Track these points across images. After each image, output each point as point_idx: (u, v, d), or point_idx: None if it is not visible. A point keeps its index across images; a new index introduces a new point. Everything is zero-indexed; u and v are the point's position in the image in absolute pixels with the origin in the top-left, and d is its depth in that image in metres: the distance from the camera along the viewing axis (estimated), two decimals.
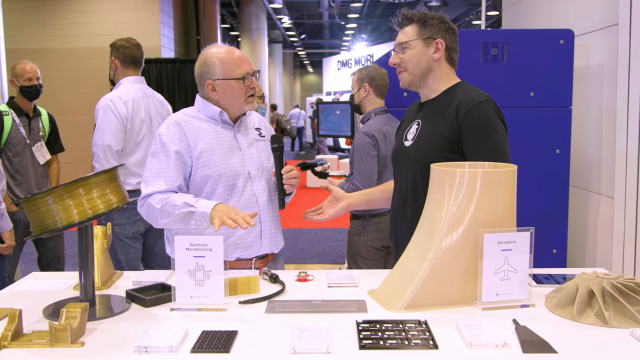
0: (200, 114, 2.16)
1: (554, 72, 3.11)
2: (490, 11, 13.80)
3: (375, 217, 3.17)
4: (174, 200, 1.97)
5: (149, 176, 2.05)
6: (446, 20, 2.07)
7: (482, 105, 1.94)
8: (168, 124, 2.10)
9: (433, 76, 2.06)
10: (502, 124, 1.97)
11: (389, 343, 1.37)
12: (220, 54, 2.11)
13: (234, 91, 2.11)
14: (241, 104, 2.14)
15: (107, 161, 3.06)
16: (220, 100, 2.14)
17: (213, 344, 1.38)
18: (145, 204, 2.03)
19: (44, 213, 1.52)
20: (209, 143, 2.08)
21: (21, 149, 3.65)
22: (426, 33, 2.03)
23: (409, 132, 2.12)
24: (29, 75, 3.68)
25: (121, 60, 3.30)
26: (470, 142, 1.92)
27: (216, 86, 2.11)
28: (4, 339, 1.39)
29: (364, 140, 3.06)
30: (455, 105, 1.97)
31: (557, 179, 3.13)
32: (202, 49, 2.17)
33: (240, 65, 2.11)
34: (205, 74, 2.12)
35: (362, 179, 3.04)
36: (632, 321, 1.47)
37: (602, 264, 3.08)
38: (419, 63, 2.04)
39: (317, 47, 29.54)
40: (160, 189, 2.01)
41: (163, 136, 2.07)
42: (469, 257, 1.61)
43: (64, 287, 1.91)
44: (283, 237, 2.27)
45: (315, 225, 7.77)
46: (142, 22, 9.46)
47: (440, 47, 2.03)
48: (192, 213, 1.93)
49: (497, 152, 1.89)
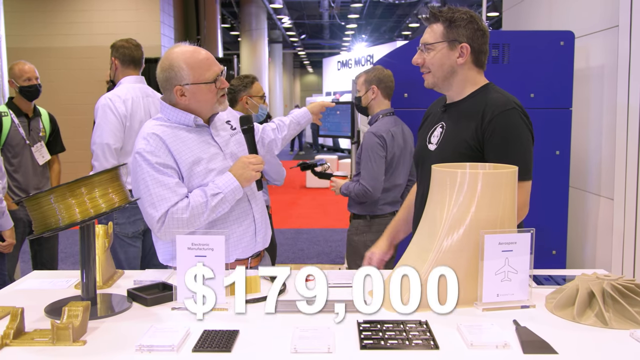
0: (172, 122, 2.02)
1: (554, 74, 3.12)
2: (490, 12, 13.80)
3: (376, 218, 3.17)
4: (196, 200, 1.93)
5: (154, 196, 1.91)
6: (476, 20, 1.95)
7: (508, 114, 1.88)
8: (146, 138, 1.95)
9: (458, 80, 1.99)
10: (528, 131, 1.90)
11: (389, 343, 1.38)
12: (188, 56, 1.97)
13: (205, 95, 1.99)
14: (213, 106, 2.04)
15: (106, 160, 3.06)
16: (190, 105, 2.01)
17: (214, 343, 1.38)
18: (166, 222, 1.91)
19: (47, 212, 1.52)
20: (192, 152, 1.99)
21: (20, 150, 3.65)
22: (452, 35, 1.94)
23: (433, 135, 2.07)
24: (28, 75, 3.68)
25: (121, 60, 3.31)
26: (493, 150, 1.88)
27: (185, 91, 1.98)
28: (5, 337, 1.39)
29: (373, 140, 3.07)
30: (481, 111, 1.91)
31: (557, 180, 3.14)
32: (165, 51, 2.09)
33: (210, 68, 1.99)
34: (173, 79, 1.97)
35: (369, 178, 3.05)
36: (632, 322, 1.47)
37: (601, 265, 3.08)
38: (442, 67, 1.97)
39: (317, 47, 29.53)
40: (172, 202, 1.91)
41: (146, 153, 1.93)
42: (470, 257, 1.61)
43: (66, 285, 1.91)
44: (271, 230, 2.27)
45: (315, 225, 7.77)
46: (142, 21, 9.46)
47: (465, 52, 1.95)
48: (224, 197, 1.95)
49: (518, 163, 1.78)
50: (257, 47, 17.02)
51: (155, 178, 1.92)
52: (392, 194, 3.18)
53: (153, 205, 1.91)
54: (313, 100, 19.96)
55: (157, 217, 1.91)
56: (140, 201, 1.95)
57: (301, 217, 8.30)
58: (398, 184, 3.19)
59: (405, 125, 3.20)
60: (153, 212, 1.91)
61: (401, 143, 3.14)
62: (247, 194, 2.10)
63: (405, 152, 3.17)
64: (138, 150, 1.95)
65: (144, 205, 1.94)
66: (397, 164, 3.14)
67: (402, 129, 3.17)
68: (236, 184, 1.97)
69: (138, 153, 1.95)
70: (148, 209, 1.93)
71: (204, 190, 1.96)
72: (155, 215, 1.91)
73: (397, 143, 3.11)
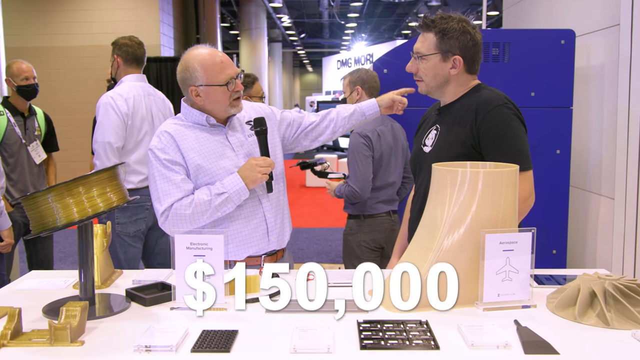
0: (188, 122, 2.10)
1: (555, 72, 3.11)
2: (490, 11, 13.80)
3: (370, 218, 3.17)
4: (200, 198, 1.97)
5: (160, 190, 1.99)
6: (468, 31, 1.97)
7: (499, 109, 1.92)
8: (159, 136, 2.05)
9: (451, 87, 2.04)
10: (521, 124, 1.95)
11: (390, 343, 1.37)
12: (202, 58, 2.03)
13: (218, 97, 2.04)
14: (226, 109, 2.07)
15: (108, 158, 3.05)
16: (205, 106, 2.07)
17: (213, 344, 1.37)
18: (170, 217, 1.98)
19: (44, 211, 1.51)
20: (202, 151, 2.04)
21: (17, 149, 3.64)
22: (444, 47, 1.97)
23: (428, 138, 2.10)
24: (26, 75, 3.66)
25: (124, 58, 3.29)
26: (490, 145, 1.91)
27: (200, 92, 2.04)
28: (3, 338, 1.38)
29: (357, 141, 3.07)
30: (473, 110, 1.95)
31: (557, 180, 3.13)
32: (184, 52, 2.09)
33: (223, 71, 2.03)
34: (188, 80, 2.05)
35: (357, 180, 3.05)
36: (634, 322, 1.46)
37: (601, 265, 3.08)
38: (436, 77, 2.01)
39: (316, 46, 29.53)
40: (177, 198, 1.98)
41: (156, 149, 2.02)
42: (471, 257, 1.60)
43: (64, 285, 1.90)
44: (290, 231, 2.25)
45: (315, 224, 7.77)
46: (142, 20, 9.45)
47: (457, 64, 1.99)
48: (229, 197, 1.98)
49: (516, 154, 1.87)
50: (256, 46, 17.01)
51: (162, 174, 2.01)
52: (386, 193, 3.17)
53: (158, 200, 2.00)
54: (313, 99, 19.95)
55: (161, 211, 1.99)
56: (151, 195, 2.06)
57: (301, 216, 8.31)
58: (391, 182, 3.18)
59: (395, 122, 3.20)
60: (158, 205, 2.01)
61: (390, 141, 3.13)
62: (258, 193, 2.11)
63: (396, 149, 3.16)
64: (150, 147, 2.06)
65: (152, 199, 2.04)
66: (387, 162, 3.13)
67: (391, 126, 3.16)
68: (242, 185, 1.99)
69: (150, 150, 2.05)
70: (154, 203, 2.02)
71: (210, 189, 2.00)
72: (159, 209, 2.00)
73: (384, 141, 3.10)
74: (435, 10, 15.72)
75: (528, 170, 1.92)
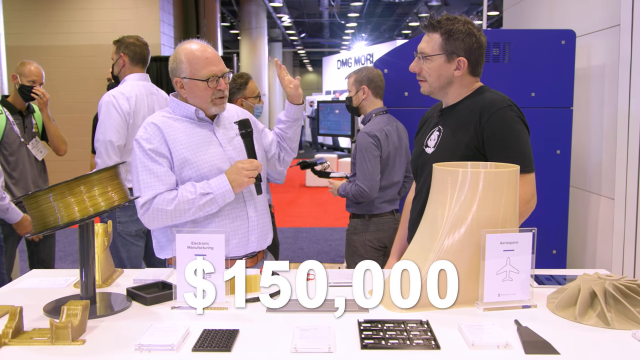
0: (176, 114, 2.11)
1: (555, 73, 3.11)
2: (491, 11, 13.80)
3: (375, 217, 3.17)
4: (184, 195, 1.96)
5: (142, 182, 1.99)
6: (474, 33, 1.98)
7: (504, 111, 1.93)
8: (145, 127, 2.05)
9: (454, 88, 2.04)
10: (524, 127, 1.96)
11: (390, 343, 1.37)
12: (190, 52, 2.06)
13: (199, 91, 2.06)
14: (207, 105, 2.08)
15: (109, 157, 3.05)
16: (188, 99, 2.10)
17: (214, 343, 1.38)
18: (150, 210, 1.97)
19: (45, 210, 1.51)
20: (188, 144, 2.04)
21: (17, 148, 3.64)
22: (450, 48, 1.97)
23: (430, 139, 2.10)
24: (34, 78, 3.69)
25: (131, 57, 3.30)
26: (495, 147, 1.92)
27: (184, 84, 2.07)
28: (4, 337, 1.38)
29: (366, 140, 3.06)
30: (477, 112, 1.95)
31: (557, 180, 3.13)
32: (164, 50, 2.13)
33: (206, 66, 2.04)
34: (174, 71, 2.09)
35: (365, 179, 3.04)
36: (634, 323, 1.47)
37: (601, 265, 3.08)
38: (439, 78, 2.01)
39: (317, 46, 29.51)
40: (159, 191, 1.98)
41: (142, 139, 2.02)
42: (471, 257, 1.60)
43: (65, 284, 1.91)
44: (272, 232, 2.25)
45: (315, 224, 7.77)
46: (142, 19, 9.44)
47: (462, 66, 1.99)
48: (213, 199, 1.97)
49: (519, 156, 1.88)
50: (256, 46, 17.00)
51: (144, 165, 2.00)
52: (390, 192, 3.18)
53: (139, 191, 1.99)
54: (313, 99, 19.96)
55: (141, 203, 1.99)
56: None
57: (301, 216, 8.30)
58: (395, 181, 3.19)
59: (399, 122, 3.20)
60: (139, 195, 1.99)
61: (396, 141, 3.13)
62: (244, 195, 2.11)
63: (400, 149, 3.16)
64: (136, 138, 2.05)
65: (135, 185, 2.02)
66: (393, 162, 3.14)
67: (396, 126, 3.17)
68: (228, 187, 1.99)
69: (135, 140, 2.05)
70: (136, 192, 2.01)
71: (195, 186, 1.99)
72: (139, 201, 1.99)
73: (391, 141, 3.10)
74: (436, 10, 15.73)
75: (530, 173, 1.92)
